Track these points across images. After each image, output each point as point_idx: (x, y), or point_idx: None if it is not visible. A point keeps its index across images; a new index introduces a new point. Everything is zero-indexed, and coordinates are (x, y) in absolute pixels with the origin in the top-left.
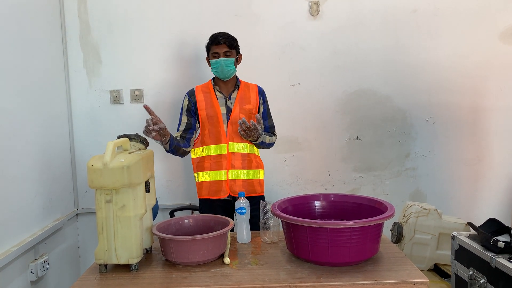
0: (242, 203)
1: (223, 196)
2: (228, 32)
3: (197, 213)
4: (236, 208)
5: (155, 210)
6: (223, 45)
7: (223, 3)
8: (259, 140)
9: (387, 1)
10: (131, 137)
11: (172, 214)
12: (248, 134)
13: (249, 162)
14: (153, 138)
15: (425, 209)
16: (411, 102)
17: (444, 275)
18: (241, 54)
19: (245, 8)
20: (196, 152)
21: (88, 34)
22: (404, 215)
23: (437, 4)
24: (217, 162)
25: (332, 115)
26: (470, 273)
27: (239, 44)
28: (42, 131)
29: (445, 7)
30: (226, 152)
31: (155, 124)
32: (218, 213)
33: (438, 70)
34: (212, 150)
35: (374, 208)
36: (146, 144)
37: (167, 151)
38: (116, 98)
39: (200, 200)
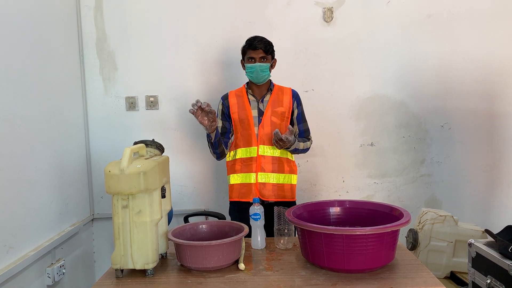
0: (257, 209)
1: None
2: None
3: (210, 218)
4: (250, 214)
5: (170, 216)
6: (259, 50)
7: (237, 10)
8: (292, 148)
9: (401, 6)
10: (147, 143)
11: (186, 219)
12: (281, 145)
13: (281, 166)
14: (201, 122)
15: (440, 215)
16: (426, 107)
17: (461, 283)
18: (275, 59)
19: (258, 15)
20: (229, 155)
21: (104, 41)
22: (420, 222)
23: (452, 9)
24: (247, 165)
25: (346, 121)
26: (488, 281)
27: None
28: (59, 137)
29: (460, 12)
30: (256, 155)
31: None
32: (246, 216)
33: (454, 75)
34: (243, 152)
35: (390, 214)
36: (162, 150)
37: (212, 142)
38: (131, 104)
39: (230, 202)
